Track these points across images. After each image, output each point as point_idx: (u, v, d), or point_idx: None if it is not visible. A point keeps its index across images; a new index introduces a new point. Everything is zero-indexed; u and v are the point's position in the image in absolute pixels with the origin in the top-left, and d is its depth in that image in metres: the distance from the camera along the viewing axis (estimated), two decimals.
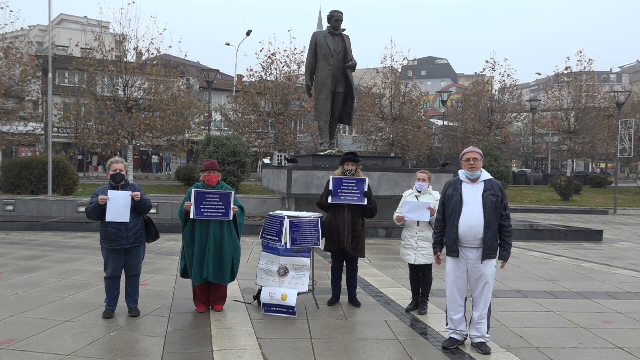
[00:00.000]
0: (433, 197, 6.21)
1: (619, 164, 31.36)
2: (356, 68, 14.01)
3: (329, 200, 6.34)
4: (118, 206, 5.62)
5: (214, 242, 5.93)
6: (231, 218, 5.94)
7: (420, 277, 6.40)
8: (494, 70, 36.05)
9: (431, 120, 43.55)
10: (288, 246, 6.10)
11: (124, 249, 5.78)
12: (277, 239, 6.15)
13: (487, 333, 5.06)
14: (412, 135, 32.95)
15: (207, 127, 29.62)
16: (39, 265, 8.67)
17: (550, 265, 9.92)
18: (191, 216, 5.84)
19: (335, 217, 6.36)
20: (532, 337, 5.47)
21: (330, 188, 6.37)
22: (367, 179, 6.48)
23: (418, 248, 6.23)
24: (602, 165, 51.10)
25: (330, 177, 6.49)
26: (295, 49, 40.26)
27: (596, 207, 25.16)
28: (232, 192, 6.00)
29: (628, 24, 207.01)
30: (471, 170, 4.97)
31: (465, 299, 5.15)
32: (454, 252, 4.98)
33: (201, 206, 5.84)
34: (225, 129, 34.04)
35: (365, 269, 8.58)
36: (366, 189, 6.33)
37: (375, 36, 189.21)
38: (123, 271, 5.92)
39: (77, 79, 29.39)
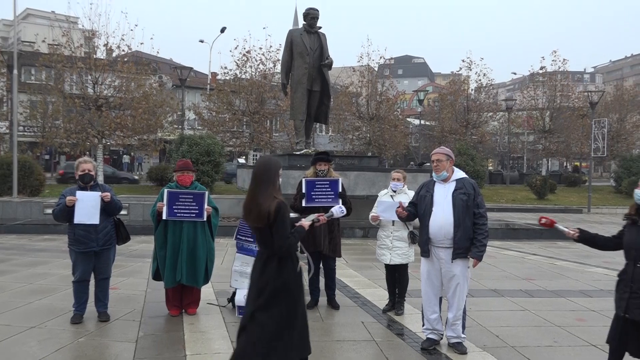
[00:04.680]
0: (408, 197, 6.25)
1: (592, 163, 32.07)
2: (333, 66, 14.02)
3: (303, 204, 6.31)
4: (87, 207, 5.53)
5: (188, 243, 5.88)
6: (205, 219, 5.90)
7: (397, 277, 6.45)
8: (471, 70, 36.46)
9: (408, 119, 43.92)
10: None
11: (93, 252, 5.68)
12: (252, 240, 6.11)
13: (462, 333, 5.13)
14: (389, 134, 33.18)
15: (180, 126, 29.33)
16: (4, 269, 8.47)
17: (525, 264, 10.10)
18: (164, 217, 5.79)
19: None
20: (508, 336, 5.57)
21: (304, 191, 6.33)
22: (340, 179, 6.48)
23: (393, 248, 6.27)
24: (577, 163, 52.23)
25: (303, 180, 6.43)
26: (270, 46, 40.15)
27: (571, 206, 25.70)
28: (206, 193, 5.96)
29: (601, 26, 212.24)
30: (436, 171, 5.07)
31: (441, 299, 5.21)
32: (425, 253, 5.05)
33: (174, 207, 5.78)
34: (199, 128, 33.73)
35: (343, 270, 8.60)
36: (340, 190, 6.33)
37: (352, 34, 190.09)
38: (92, 275, 5.82)
39: (44, 76, 28.72)
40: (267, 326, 3.70)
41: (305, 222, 4.16)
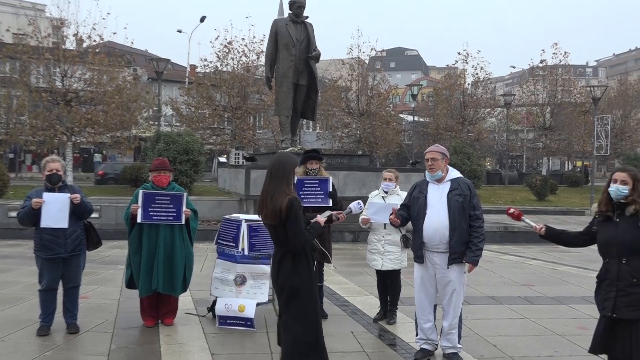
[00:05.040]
0: (400, 198, 6.26)
1: (595, 162, 32.43)
2: (320, 59, 14.02)
3: None
4: (55, 210, 5.47)
5: (164, 249, 5.86)
6: (183, 222, 5.88)
7: (389, 284, 6.47)
8: (467, 63, 36.72)
9: (401, 115, 44.14)
10: (246, 253, 6.07)
11: (61, 259, 5.62)
12: (233, 244, 6.11)
13: (458, 343, 5.15)
14: (381, 131, 33.28)
15: (156, 123, 29.16)
16: None
17: (525, 270, 10.19)
18: (138, 220, 5.76)
19: None
20: (506, 346, 5.61)
21: None
22: (331, 178, 6.50)
23: (385, 253, 6.29)
24: (579, 163, 52.74)
25: None
26: (254, 37, 39.96)
27: (572, 208, 25.96)
28: (185, 194, 5.95)
29: (604, 18, 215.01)
30: (431, 171, 5.06)
31: (435, 306, 5.23)
32: (419, 258, 5.07)
33: (150, 209, 5.76)
34: (177, 124, 33.58)
35: (331, 276, 8.60)
36: (331, 189, 6.34)
37: (341, 25, 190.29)
38: (60, 283, 5.76)
39: (9, 68, 28.38)
40: (299, 336, 4.07)
41: (321, 218, 4.35)
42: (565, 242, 4.50)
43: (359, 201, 4.85)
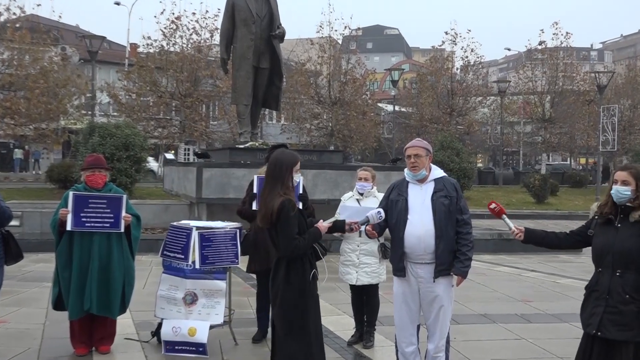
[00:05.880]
0: (378, 201, 6.31)
1: (600, 159, 33.11)
2: (285, 38, 14.03)
3: (254, 207, 6.31)
4: None
5: (99, 262, 5.80)
6: (122, 230, 5.84)
7: (365, 301, 6.50)
8: (455, 45, 37.16)
9: (379, 105, 44.34)
10: (197, 266, 6.04)
11: None
12: (182, 257, 6.07)
13: None
14: (356, 123, 33.42)
15: (89, 112, 28.73)
16: None
17: (522, 283, 10.37)
18: (68, 227, 5.69)
19: (262, 229, 6.29)
20: None
21: (255, 191, 6.35)
22: (301, 178, 6.51)
23: (360, 265, 6.32)
24: (582, 160, 53.80)
25: (255, 177, 6.47)
26: (207, 12, 39.84)
27: (575, 211, 26.46)
28: (124, 197, 5.91)
29: None
30: (413, 169, 5.05)
31: (419, 326, 5.27)
32: (400, 271, 5.07)
33: (82, 214, 5.70)
34: (115, 114, 33.12)
35: None
36: (301, 191, 6.35)
37: None
38: None
39: None
40: (295, 354, 4.38)
41: (324, 224, 4.58)
42: (551, 245, 4.52)
43: (380, 210, 4.93)
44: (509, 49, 72.45)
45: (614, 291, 3.96)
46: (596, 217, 4.23)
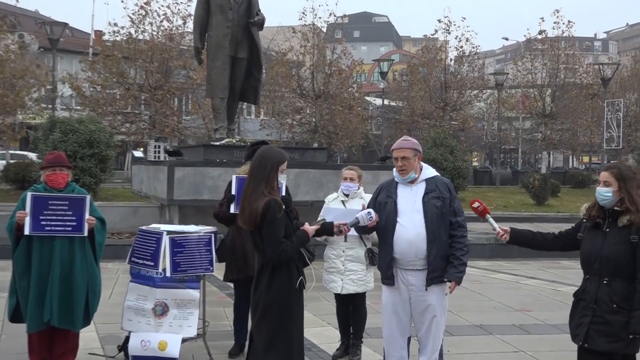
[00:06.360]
0: (365, 202, 6.32)
1: (605, 157, 33.36)
2: (265, 25, 14.01)
3: (232, 210, 6.30)
4: None
5: (61, 269, 5.74)
6: (86, 234, 5.79)
7: (351, 311, 6.51)
8: (449, 34, 37.22)
9: (367, 98, 44.43)
10: (168, 274, 6.01)
11: None
12: (152, 264, 6.04)
13: None
14: (342, 118, 33.46)
15: (50, 106, 28.51)
16: None
17: (520, 291, 10.44)
18: (26, 232, 5.64)
19: (240, 233, 6.31)
20: None
21: (233, 192, 6.35)
22: (284, 182, 6.50)
23: (346, 272, 6.32)
24: (586, 159, 54.19)
25: (233, 177, 6.49)
26: None
27: (578, 214, 26.50)
28: (88, 198, 5.87)
29: None
30: (402, 173, 5.06)
31: (409, 339, 5.28)
32: (389, 279, 5.07)
33: (42, 217, 5.65)
34: (78, 108, 32.90)
35: None
36: (283, 193, 6.34)
37: None
38: None
39: None
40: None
41: (311, 226, 4.60)
42: (538, 246, 4.57)
43: (370, 210, 4.95)
44: (506, 39, 73.04)
45: (601, 300, 4.01)
46: (584, 220, 4.27)
